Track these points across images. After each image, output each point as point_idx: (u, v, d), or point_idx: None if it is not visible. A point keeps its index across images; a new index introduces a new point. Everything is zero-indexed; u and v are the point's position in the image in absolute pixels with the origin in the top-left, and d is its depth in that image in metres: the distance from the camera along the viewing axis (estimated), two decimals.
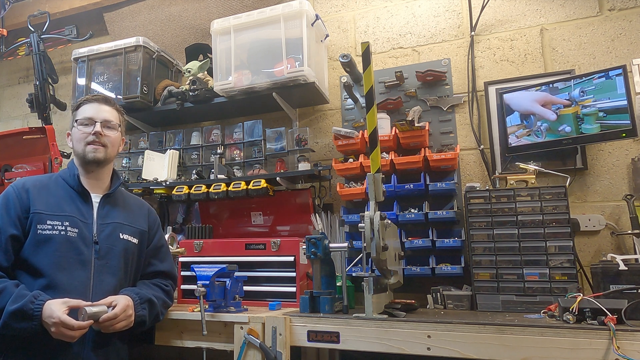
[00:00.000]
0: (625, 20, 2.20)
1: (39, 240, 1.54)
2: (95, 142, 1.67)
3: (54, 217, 1.56)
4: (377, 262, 1.62)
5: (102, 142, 1.68)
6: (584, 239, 2.11)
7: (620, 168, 2.11)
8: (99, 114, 1.71)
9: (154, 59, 2.81)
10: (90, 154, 1.67)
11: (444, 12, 2.51)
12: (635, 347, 1.26)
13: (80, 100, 1.77)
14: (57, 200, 1.61)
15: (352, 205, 2.42)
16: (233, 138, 2.63)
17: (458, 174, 2.29)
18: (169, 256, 1.88)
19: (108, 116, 1.73)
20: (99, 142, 1.67)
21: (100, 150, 1.68)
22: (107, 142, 1.70)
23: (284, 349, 1.59)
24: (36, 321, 1.41)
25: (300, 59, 2.32)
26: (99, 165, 1.71)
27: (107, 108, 1.74)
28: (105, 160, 1.70)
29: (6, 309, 1.41)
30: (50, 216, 1.56)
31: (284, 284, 2.01)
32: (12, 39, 3.42)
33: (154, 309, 1.65)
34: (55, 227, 1.56)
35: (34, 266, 1.52)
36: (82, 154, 1.68)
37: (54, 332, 1.41)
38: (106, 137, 1.69)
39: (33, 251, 1.53)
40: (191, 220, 2.82)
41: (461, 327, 1.44)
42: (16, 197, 1.58)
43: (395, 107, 2.42)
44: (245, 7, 2.80)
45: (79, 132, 1.68)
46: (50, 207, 1.59)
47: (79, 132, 1.68)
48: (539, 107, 2.12)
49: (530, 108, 2.15)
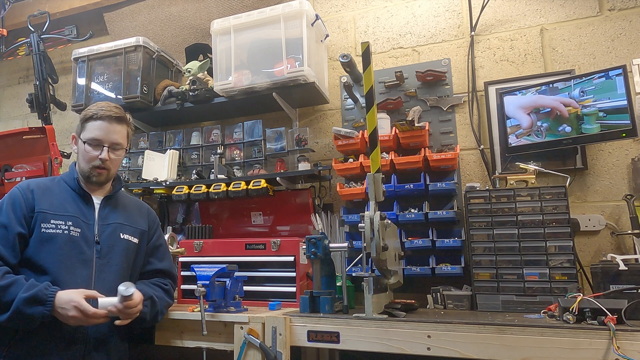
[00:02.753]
0: (625, 20, 2.20)
1: (43, 238, 1.56)
2: (100, 167, 1.67)
3: (57, 216, 1.58)
4: (377, 262, 1.62)
5: (107, 166, 1.69)
6: (584, 239, 2.11)
7: (620, 168, 2.11)
8: (108, 136, 1.67)
9: (154, 59, 2.81)
10: (94, 177, 1.69)
11: (444, 12, 2.51)
12: (635, 347, 1.26)
13: (92, 111, 1.69)
14: (61, 201, 1.64)
15: (352, 205, 2.42)
16: (233, 138, 2.63)
17: (458, 174, 2.29)
18: (167, 255, 1.90)
19: (117, 138, 1.69)
20: (104, 167, 1.68)
21: (104, 174, 1.69)
22: (112, 166, 1.71)
23: (284, 349, 1.59)
24: (49, 306, 1.43)
25: (300, 59, 2.32)
26: (100, 185, 1.74)
27: (119, 128, 1.70)
28: (107, 181, 1.74)
29: (18, 297, 1.42)
30: (54, 216, 1.59)
31: (284, 284, 2.01)
32: (12, 39, 3.42)
33: (155, 306, 1.66)
34: (59, 226, 1.58)
35: (37, 264, 1.54)
36: (86, 174, 1.69)
37: (72, 316, 1.43)
38: (111, 160, 1.69)
39: (37, 249, 1.55)
40: (191, 220, 2.82)
41: (461, 327, 1.44)
42: (22, 197, 1.60)
43: (395, 107, 2.42)
44: (245, 7, 2.80)
45: (86, 152, 1.67)
46: (54, 207, 1.62)
47: (86, 153, 1.67)
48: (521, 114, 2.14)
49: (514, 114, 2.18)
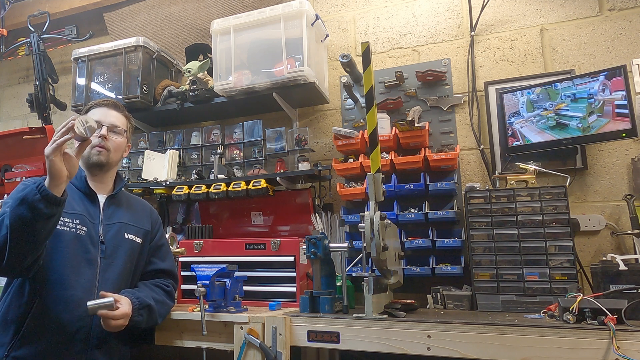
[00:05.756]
0: (625, 20, 2.20)
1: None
2: (99, 145, 1.69)
3: (65, 214, 1.57)
4: (377, 262, 1.62)
5: (107, 146, 1.70)
6: (584, 239, 2.11)
7: (620, 168, 2.11)
8: (106, 118, 1.74)
9: (154, 59, 2.80)
10: (94, 156, 1.69)
11: (444, 12, 2.51)
12: (635, 347, 1.26)
13: (90, 103, 1.81)
14: (68, 200, 1.61)
15: (352, 205, 2.42)
16: (233, 138, 2.63)
17: (458, 174, 2.29)
18: (169, 255, 1.90)
19: (115, 121, 1.76)
20: (104, 146, 1.70)
21: (104, 153, 1.70)
22: (111, 147, 1.72)
23: (284, 349, 1.59)
24: (38, 187, 1.34)
25: (300, 59, 2.32)
26: (102, 169, 1.73)
27: (115, 113, 1.78)
28: (107, 163, 1.72)
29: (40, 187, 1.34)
30: (63, 213, 1.56)
31: (284, 284, 2.01)
32: (12, 39, 3.43)
33: (152, 315, 1.66)
34: (66, 224, 1.58)
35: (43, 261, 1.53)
36: (86, 157, 1.70)
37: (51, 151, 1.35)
38: (111, 141, 1.72)
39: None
40: (191, 220, 2.82)
41: (461, 327, 1.44)
42: None
43: (395, 107, 2.42)
44: (245, 7, 2.80)
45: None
46: None
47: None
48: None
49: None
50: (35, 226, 1.36)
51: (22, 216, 1.33)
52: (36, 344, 1.49)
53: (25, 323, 1.50)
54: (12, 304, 1.54)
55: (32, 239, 1.38)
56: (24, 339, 1.49)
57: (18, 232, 1.35)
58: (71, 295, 1.53)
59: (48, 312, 1.51)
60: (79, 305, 1.52)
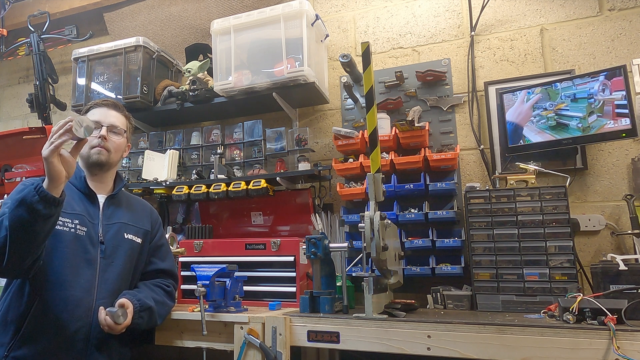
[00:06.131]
0: (625, 20, 2.20)
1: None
2: (99, 145, 1.69)
3: (65, 214, 1.57)
4: (377, 262, 1.62)
5: (106, 146, 1.71)
6: (584, 239, 2.11)
7: (620, 168, 2.11)
8: (106, 119, 1.74)
9: (154, 59, 2.80)
10: (94, 156, 1.69)
11: (444, 12, 2.51)
12: (635, 347, 1.26)
13: (90, 103, 1.81)
14: (68, 200, 1.62)
15: (352, 205, 2.42)
16: (233, 138, 2.63)
17: (458, 174, 2.29)
18: (170, 255, 1.90)
19: (115, 121, 1.76)
20: (103, 146, 1.70)
21: (104, 153, 1.70)
22: (111, 147, 1.73)
23: (284, 349, 1.59)
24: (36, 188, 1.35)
25: (300, 59, 2.32)
26: (101, 169, 1.73)
27: (115, 113, 1.79)
28: (107, 163, 1.73)
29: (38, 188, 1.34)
30: (62, 213, 1.57)
31: (284, 284, 2.01)
32: (12, 39, 3.42)
33: (152, 317, 1.66)
34: (66, 224, 1.58)
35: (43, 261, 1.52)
36: (86, 156, 1.70)
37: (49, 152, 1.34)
38: (111, 141, 1.73)
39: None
40: (191, 220, 2.82)
41: (461, 327, 1.44)
42: None
43: (395, 107, 2.42)
44: (245, 7, 2.80)
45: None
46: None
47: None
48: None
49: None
50: (34, 227, 1.36)
51: (21, 217, 1.34)
52: (36, 344, 1.49)
53: (25, 323, 1.50)
54: (12, 304, 1.54)
55: (31, 240, 1.38)
56: (24, 339, 1.49)
57: (17, 233, 1.35)
58: (70, 296, 1.53)
59: (48, 312, 1.51)
60: (78, 305, 1.52)
